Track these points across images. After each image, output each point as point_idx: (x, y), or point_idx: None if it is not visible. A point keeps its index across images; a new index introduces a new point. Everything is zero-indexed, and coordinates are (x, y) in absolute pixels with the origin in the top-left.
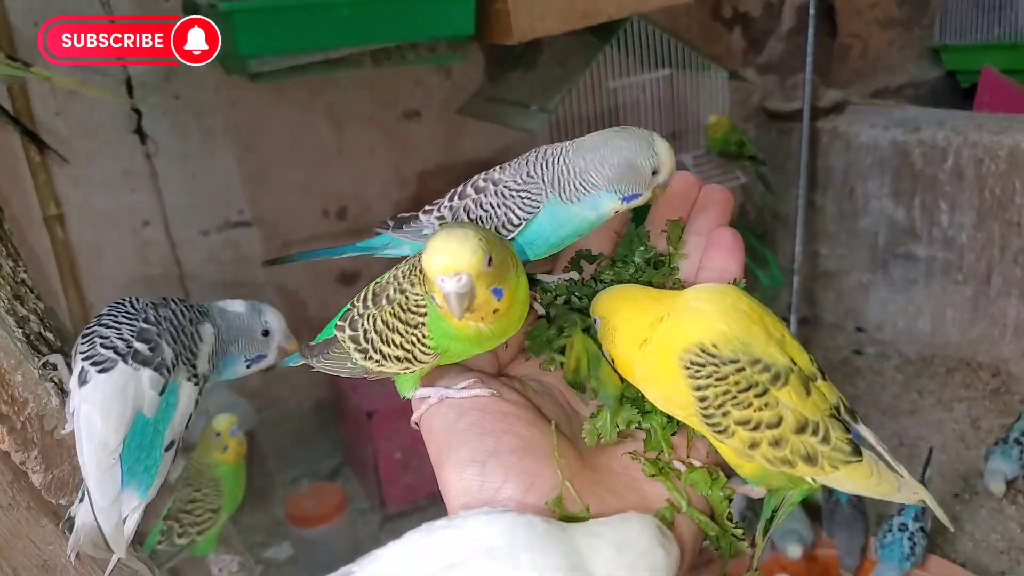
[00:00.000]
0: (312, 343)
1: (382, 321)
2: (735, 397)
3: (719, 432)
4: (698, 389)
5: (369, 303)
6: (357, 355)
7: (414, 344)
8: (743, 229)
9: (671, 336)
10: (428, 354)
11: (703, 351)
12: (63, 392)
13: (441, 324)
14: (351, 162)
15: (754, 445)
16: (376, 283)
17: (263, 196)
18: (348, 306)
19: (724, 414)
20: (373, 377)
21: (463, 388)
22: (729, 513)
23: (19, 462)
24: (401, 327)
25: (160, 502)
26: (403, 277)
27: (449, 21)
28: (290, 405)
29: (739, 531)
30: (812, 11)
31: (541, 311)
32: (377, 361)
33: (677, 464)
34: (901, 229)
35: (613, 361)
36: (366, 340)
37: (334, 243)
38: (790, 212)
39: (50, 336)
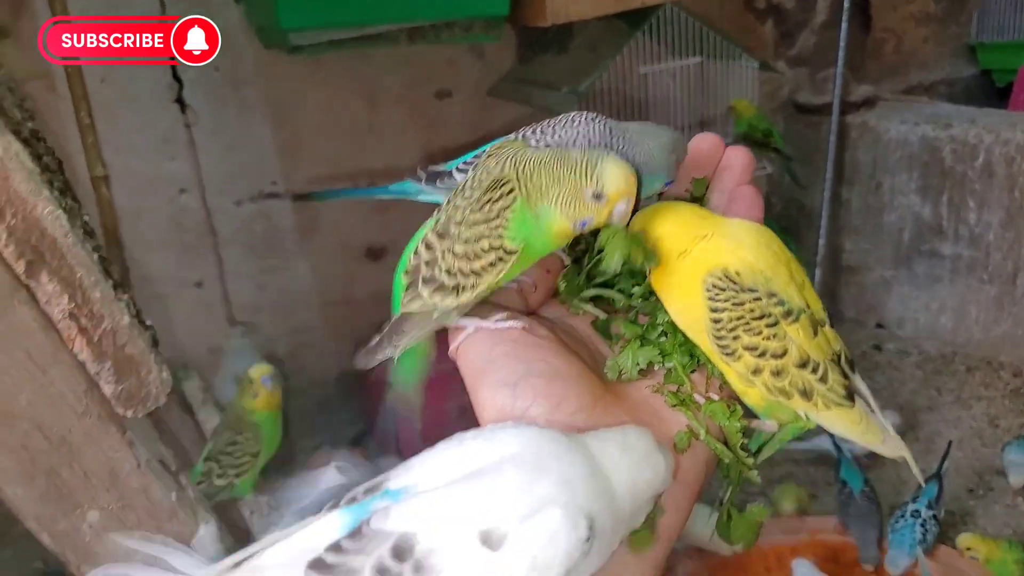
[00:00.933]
0: (367, 347)
1: (463, 242)
2: (748, 323)
3: (727, 354)
4: (714, 311)
5: (434, 246)
6: (449, 299)
7: (501, 238)
8: (767, 220)
9: (704, 255)
10: (512, 244)
11: (726, 276)
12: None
13: (528, 223)
14: (382, 139)
15: (757, 371)
16: (427, 231)
17: (295, 169)
18: (400, 286)
19: (735, 338)
20: (456, 320)
21: (497, 320)
22: (743, 443)
23: (93, 373)
24: (484, 229)
25: (200, 444)
26: (468, 209)
27: (485, 1)
28: (315, 373)
29: (750, 460)
30: (846, 4)
31: (566, 260)
32: (472, 284)
33: (697, 397)
34: (927, 226)
35: (650, 270)
36: (451, 275)
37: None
38: (815, 205)
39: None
